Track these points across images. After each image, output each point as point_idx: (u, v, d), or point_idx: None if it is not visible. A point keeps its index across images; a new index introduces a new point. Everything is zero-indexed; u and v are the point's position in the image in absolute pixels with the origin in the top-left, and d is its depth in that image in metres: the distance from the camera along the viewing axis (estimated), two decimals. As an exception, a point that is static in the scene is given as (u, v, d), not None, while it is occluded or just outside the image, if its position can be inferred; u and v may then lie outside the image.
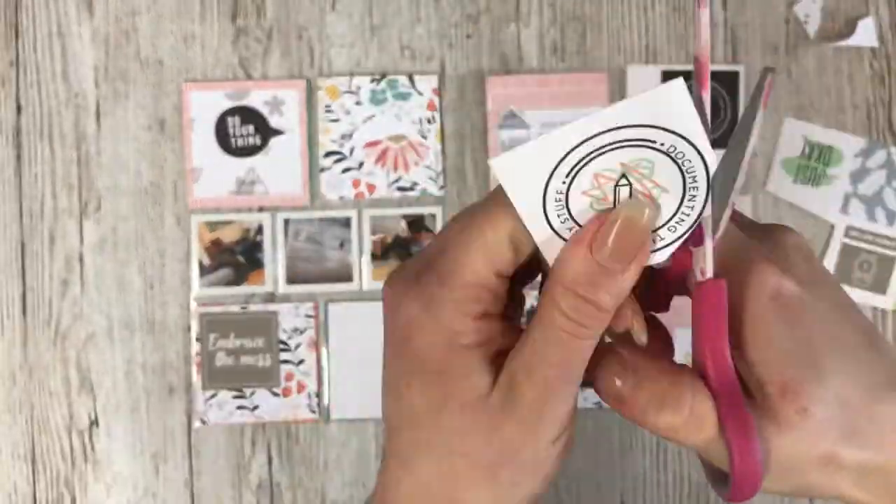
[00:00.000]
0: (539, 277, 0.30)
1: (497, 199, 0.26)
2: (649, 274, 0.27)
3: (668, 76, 0.67)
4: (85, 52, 0.67)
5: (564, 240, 0.26)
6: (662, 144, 0.24)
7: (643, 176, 0.24)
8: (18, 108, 0.67)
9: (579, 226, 0.25)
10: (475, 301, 0.26)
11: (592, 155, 0.24)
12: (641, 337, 0.28)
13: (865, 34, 0.67)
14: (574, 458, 0.67)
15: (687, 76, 0.21)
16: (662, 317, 0.31)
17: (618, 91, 0.67)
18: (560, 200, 0.25)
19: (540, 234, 0.25)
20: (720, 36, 0.68)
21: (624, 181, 0.25)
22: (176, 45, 0.68)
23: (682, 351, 0.67)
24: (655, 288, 0.28)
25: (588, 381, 0.28)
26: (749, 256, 0.26)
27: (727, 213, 0.24)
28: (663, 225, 0.26)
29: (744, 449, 0.24)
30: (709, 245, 0.25)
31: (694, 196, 0.25)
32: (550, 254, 0.26)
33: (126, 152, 0.67)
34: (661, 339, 0.29)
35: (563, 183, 0.24)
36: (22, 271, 0.67)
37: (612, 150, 0.24)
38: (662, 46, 0.68)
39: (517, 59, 0.68)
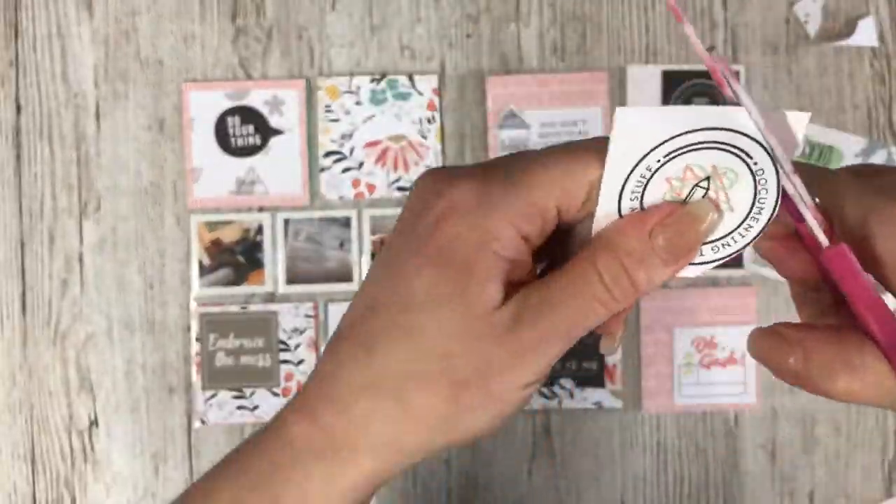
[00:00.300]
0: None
1: (596, 147, 0.25)
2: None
3: (668, 76, 0.67)
4: (85, 53, 0.67)
5: (620, 216, 0.26)
6: (755, 164, 0.24)
7: (723, 186, 0.25)
8: (18, 108, 0.67)
9: (642, 209, 0.26)
10: (528, 219, 0.26)
11: (696, 145, 0.24)
12: (614, 348, 0.28)
13: (866, 34, 0.67)
14: (574, 457, 0.67)
15: (686, 76, 0.21)
16: (661, 318, 0.31)
17: (618, 91, 0.67)
18: (643, 178, 0.25)
19: (607, 200, 0.26)
20: (720, 36, 0.68)
21: (704, 183, 0.25)
22: (176, 45, 0.67)
23: (683, 351, 0.68)
24: (824, 272, 0.28)
25: (586, 380, 0.28)
26: (874, 201, 0.25)
27: (798, 182, 0.25)
28: (710, 242, 0.26)
29: None
30: (808, 216, 0.25)
31: (751, 226, 0.26)
32: (601, 223, 0.26)
33: (126, 152, 0.67)
34: (826, 305, 0.28)
35: (658, 161, 0.24)
36: (22, 271, 0.67)
37: (712, 149, 0.24)
38: (663, 46, 0.68)
39: (517, 58, 0.68)
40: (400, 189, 0.67)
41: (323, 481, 0.27)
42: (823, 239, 0.25)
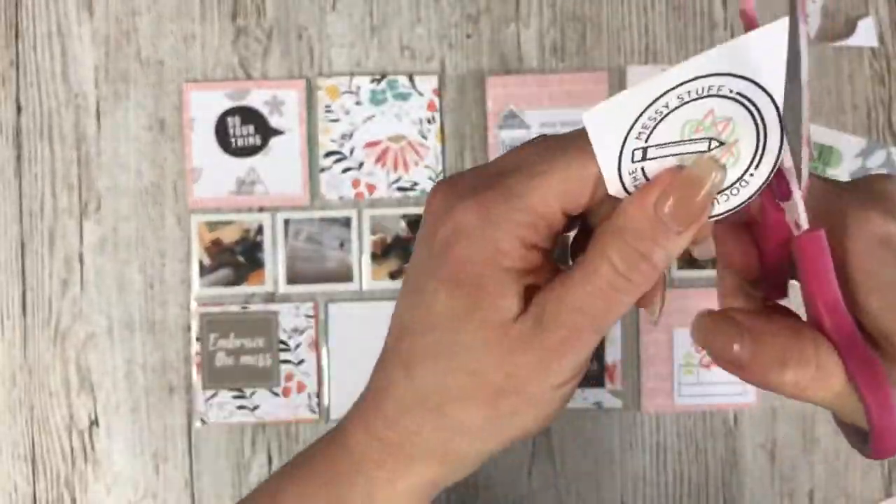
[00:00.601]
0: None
1: (586, 138, 0.25)
2: (758, 258, 0.27)
3: (668, 76, 0.67)
4: (85, 53, 0.67)
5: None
6: (757, 110, 0.23)
7: (726, 133, 0.24)
8: (18, 109, 0.67)
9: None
10: (532, 229, 0.26)
11: (674, 107, 0.23)
12: (656, 317, 0.28)
13: (865, 34, 0.68)
14: (574, 457, 0.67)
15: None
16: (661, 318, 0.31)
17: (618, 91, 0.67)
18: (637, 157, 0.24)
19: (612, 186, 0.25)
20: (720, 36, 0.68)
21: (700, 135, 0.24)
22: (176, 45, 0.68)
23: (682, 351, 0.68)
24: (767, 268, 0.27)
25: (586, 379, 0.28)
26: (846, 204, 0.25)
27: (805, 158, 0.23)
28: (724, 189, 0.25)
29: (879, 401, 0.23)
30: (797, 195, 0.24)
31: (761, 158, 0.24)
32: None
33: (126, 152, 0.67)
34: (776, 297, 0.28)
35: (640, 137, 0.24)
36: (22, 271, 0.67)
37: (694, 100, 0.23)
38: (662, 46, 0.68)
39: (517, 59, 0.68)
40: (400, 189, 0.67)
41: (383, 486, 0.29)
42: (805, 220, 0.24)
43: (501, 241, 0.26)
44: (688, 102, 0.23)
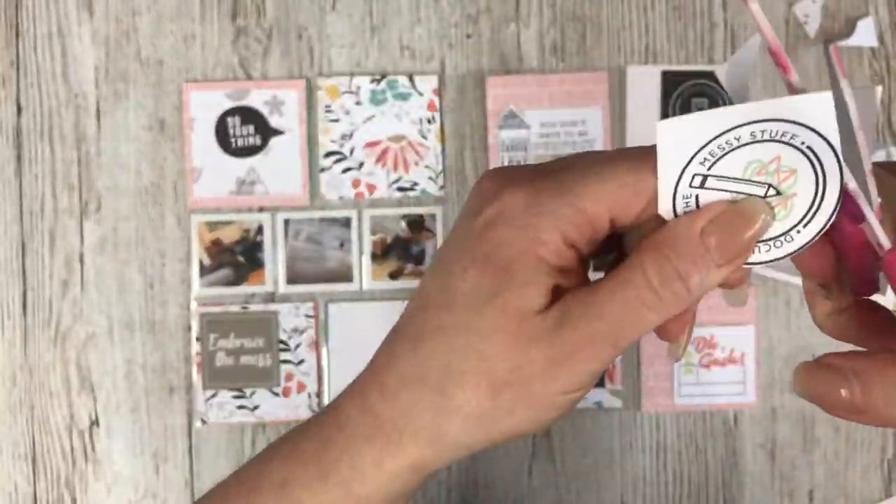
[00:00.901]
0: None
1: (649, 153, 0.25)
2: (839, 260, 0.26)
3: (667, 76, 0.67)
4: (85, 53, 0.67)
5: None
6: (817, 158, 0.23)
7: (782, 182, 0.24)
8: (19, 109, 0.67)
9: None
10: (577, 227, 0.26)
11: (744, 143, 0.23)
12: (679, 354, 0.28)
13: (865, 34, 0.68)
14: (574, 457, 0.67)
15: (686, 76, 0.21)
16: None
17: (618, 91, 0.67)
18: (696, 183, 0.24)
19: (664, 205, 0.25)
20: (719, 36, 0.68)
21: (760, 179, 0.24)
22: (176, 45, 0.68)
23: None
24: (852, 267, 0.27)
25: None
26: None
27: (872, 182, 0.23)
28: (769, 239, 0.25)
29: None
30: (871, 217, 0.23)
31: (813, 217, 0.24)
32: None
33: (126, 152, 0.67)
34: (866, 293, 0.27)
35: (704, 164, 0.24)
36: (22, 271, 0.67)
37: (766, 141, 0.23)
38: (662, 46, 0.68)
39: (517, 59, 0.68)
40: (400, 189, 0.67)
41: (371, 462, 0.29)
42: (885, 240, 0.23)
43: (544, 232, 0.26)
44: (759, 142, 0.23)
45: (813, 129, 0.23)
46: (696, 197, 0.25)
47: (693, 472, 0.67)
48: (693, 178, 0.24)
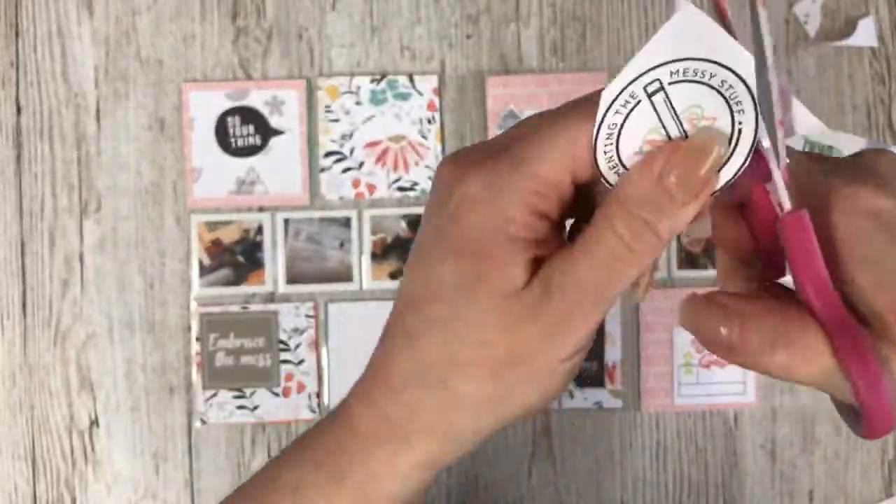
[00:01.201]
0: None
1: (590, 101, 0.25)
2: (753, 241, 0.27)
3: (667, 76, 0.67)
4: (85, 53, 0.67)
5: (609, 183, 0.25)
6: (737, 106, 0.23)
7: (697, 117, 0.24)
8: (18, 109, 0.67)
9: (625, 168, 0.25)
10: (540, 196, 0.26)
11: (654, 89, 0.24)
12: (641, 297, 0.28)
13: (865, 34, 0.68)
14: (573, 457, 0.67)
15: None
16: (661, 318, 0.31)
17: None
18: (611, 139, 0.24)
19: (602, 165, 0.25)
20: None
21: (680, 122, 0.24)
22: (176, 45, 0.68)
23: (682, 351, 0.68)
24: (762, 248, 0.27)
25: (586, 380, 0.28)
26: (833, 180, 0.24)
27: (780, 136, 0.23)
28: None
29: (868, 380, 0.23)
30: (777, 175, 0.24)
31: (738, 139, 0.24)
32: (608, 176, 0.25)
33: (126, 152, 0.67)
34: (763, 279, 0.28)
35: (619, 114, 0.24)
36: (22, 271, 0.67)
37: (678, 83, 0.24)
38: (662, 46, 0.68)
39: (517, 59, 0.68)
40: (400, 189, 0.67)
41: (384, 463, 0.29)
42: (787, 201, 0.24)
43: (509, 209, 0.25)
44: (676, 83, 0.24)
45: (733, 72, 0.23)
46: (618, 154, 0.25)
47: (693, 472, 0.67)
48: (608, 136, 0.25)
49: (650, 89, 0.24)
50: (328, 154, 0.67)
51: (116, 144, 0.67)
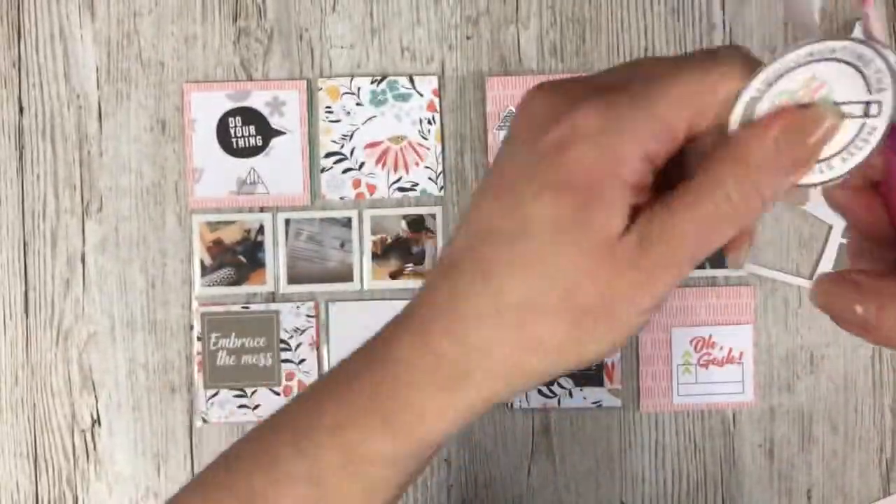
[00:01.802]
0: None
1: (730, 58, 0.24)
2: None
3: (666, 77, 0.67)
4: (87, 54, 0.68)
5: None
6: (876, 86, 0.24)
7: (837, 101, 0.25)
8: (21, 109, 0.68)
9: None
10: (658, 140, 0.25)
11: (802, 62, 0.24)
12: (741, 261, 0.27)
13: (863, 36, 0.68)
14: (573, 456, 0.67)
15: None
16: (659, 318, 0.31)
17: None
18: (756, 96, 0.25)
19: (735, 115, 0.25)
20: (718, 37, 0.68)
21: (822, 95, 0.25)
22: (177, 46, 0.68)
23: (681, 350, 0.68)
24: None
25: (585, 379, 0.28)
26: None
27: None
28: (837, 153, 0.25)
29: None
30: None
31: (853, 152, 0.25)
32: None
33: (128, 153, 0.68)
34: (888, 262, 0.27)
35: (765, 83, 0.25)
36: (24, 271, 0.67)
37: (820, 61, 0.24)
38: (661, 48, 0.68)
39: (516, 60, 0.68)
40: (400, 189, 0.67)
41: (439, 405, 0.27)
42: None
43: (625, 150, 0.24)
44: (818, 61, 0.24)
45: (884, 59, 0.24)
46: (753, 109, 0.25)
47: (692, 471, 0.68)
48: (754, 93, 0.25)
49: (807, 59, 0.24)
50: (329, 154, 0.67)
51: (118, 145, 0.67)
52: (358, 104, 0.67)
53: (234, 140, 0.67)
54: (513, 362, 0.26)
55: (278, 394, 0.67)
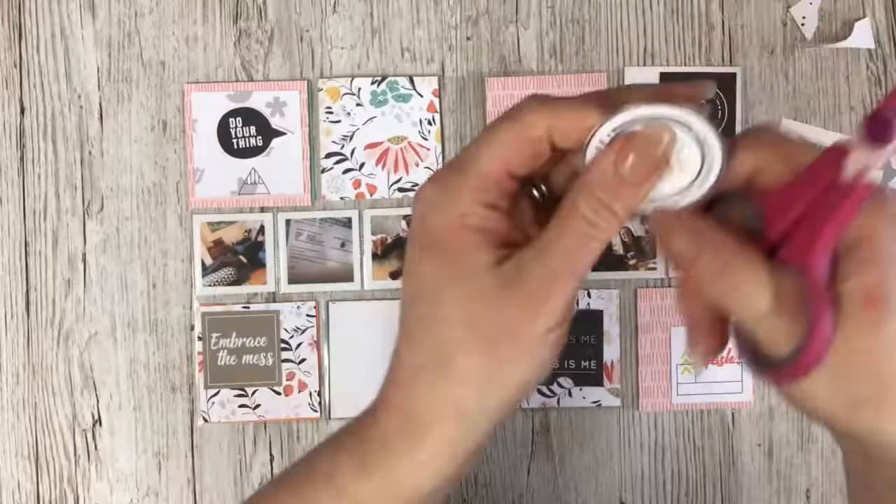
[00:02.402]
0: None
1: (524, 110, 0.30)
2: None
3: (665, 77, 0.68)
4: (88, 54, 0.68)
5: None
6: (704, 141, 0.29)
7: (675, 150, 0.29)
8: (22, 110, 0.68)
9: None
10: (484, 189, 0.30)
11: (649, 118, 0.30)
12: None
13: (862, 36, 0.68)
14: (573, 456, 0.68)
15: (685, 77, 0.22)
16: (659, 317, 0.33)
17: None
18: (605, 139, 0.30)
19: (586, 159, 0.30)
20: (717, 38, 0.69)
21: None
22: (178, 46, 0.68)
23: (680, 350, 0.68)
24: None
25: (585, 378, 0.31)
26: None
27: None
28: (671, 195, 0.30)
29: (819, 321, 0.26)
30: (889, 151, 0.26)
31: (703, 182, 0.30)
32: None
33: (129, 153, 0.68)
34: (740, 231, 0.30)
35: (608, 136, 0.30)
36: (25, 271, 0.67)
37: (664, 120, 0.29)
38: (660, 48, 0.68)
39: (516, 60, 0.68)
40: (400, 190, 0.68)
41: (406, 452, 0.31)
42: (877, 175, 0.26)
43: (460, 205, 0.30)
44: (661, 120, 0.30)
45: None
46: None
47: (691, 470, 0.68)
48: (607, 134, 0.30)
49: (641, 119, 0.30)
50: (329, 155, 0.68)
51: (119, 145, 0.68)
52: (358, 105, 0.68)
53: (234, 140, 0.68)
54: (450, 403, 0.30)
55: (279, 393, 0.67)
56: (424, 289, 0.31)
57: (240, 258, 0.67)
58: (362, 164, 0.68)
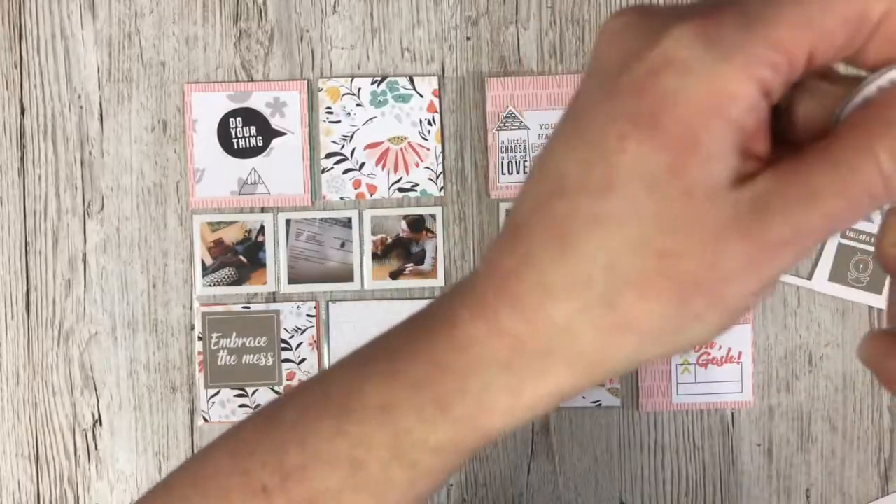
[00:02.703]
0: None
1: None
2: None
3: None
4: (88, 55, 0.68)
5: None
6: None
7: None
8: (22, 110, 0.68)
9: None
10: (773, 67, 0.19)
11: None
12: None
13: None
14: (572, 455, 0.68)
15: None
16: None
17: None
18: None
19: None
20: (717, 38, 0.69)
21: None
22: (178, 46, 0.68)
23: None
24: None
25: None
26: None
27: None
28: None
29: None
30: None
31: None
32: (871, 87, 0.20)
33: (129, 153, 0.68)
34: None
35: None
36: (25, 271, 0.67)
37: None
38: (660, 48, 0.68)
39: (516, 60, 0.68)
40: (400, 190, 0.68)
41: (506, 393, 0.23)
42: None
43: (733, 81, 0.19)
44: None
45: None
46: None
47: (691, 470, 0.68)
48: None
49: None
50: (329, 155, 0.68)
51: (119, 145, 0.68)
52: (358, 105, 0.68)
53: (234, 140, 0.68)
54: (600, 349, 0.21)
55: (279, 393, 0.67)
56: (619, 181, 0.20)
57: (240, 258, 0.67)
58: (362, 164, 0.68)
